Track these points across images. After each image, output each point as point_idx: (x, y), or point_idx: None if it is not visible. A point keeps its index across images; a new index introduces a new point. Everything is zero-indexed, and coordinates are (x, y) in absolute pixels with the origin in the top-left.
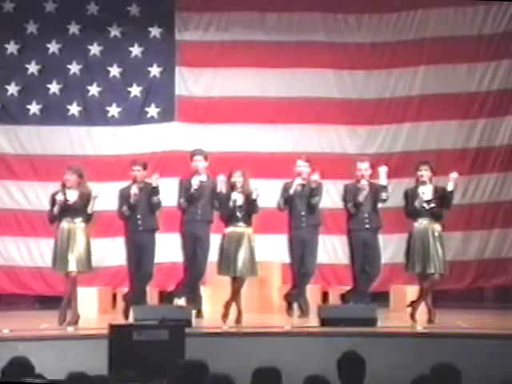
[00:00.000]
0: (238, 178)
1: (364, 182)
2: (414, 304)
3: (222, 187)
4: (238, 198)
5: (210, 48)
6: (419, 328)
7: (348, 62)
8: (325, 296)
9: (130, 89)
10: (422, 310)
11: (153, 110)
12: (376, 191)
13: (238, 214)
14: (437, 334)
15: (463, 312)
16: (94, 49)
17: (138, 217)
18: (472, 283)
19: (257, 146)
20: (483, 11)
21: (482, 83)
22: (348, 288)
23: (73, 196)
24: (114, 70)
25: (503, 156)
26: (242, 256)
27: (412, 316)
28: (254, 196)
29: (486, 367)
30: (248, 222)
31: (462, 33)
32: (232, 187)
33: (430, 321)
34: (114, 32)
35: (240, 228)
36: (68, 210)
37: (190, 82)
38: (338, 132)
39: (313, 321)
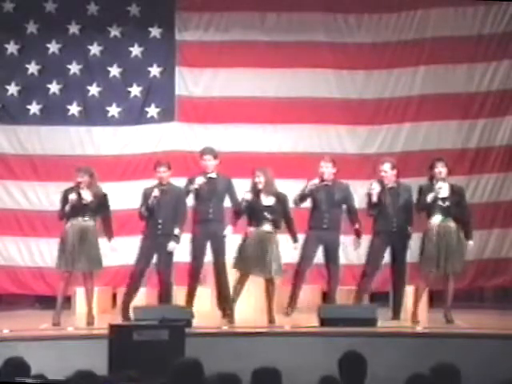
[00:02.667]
0: (258, 179)
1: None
2: (445, 309)
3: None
4: (249, 197)
5: (210, 48)
6: (419, 328)
7: (348, 62)
8: (325, 296)
9: (130, 89)
10: (421, 309)
11: (153, 110)
12: (402, 192)
13: (268, 215)
14: (437, 334)
15: (463, 312)
16: (94, 49)
17: (160, 221)
18: (472, 283)
19: (257, 146)
20: (483, 11)
21: (482, 83)
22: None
23: (87, 196)
24: (114, 70)
25: (503, 156)
26: (270, 256)
27: (447, 319)
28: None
29: (486, 367)
30: (277, 222)
31: (461, 33)
32: (254, 188)
33: (448, 321)
34: (114, 32)
35: (264, 228)
36: (81, 210)
37: (190, 82)
38: (338, 132)
39: (313, 321)
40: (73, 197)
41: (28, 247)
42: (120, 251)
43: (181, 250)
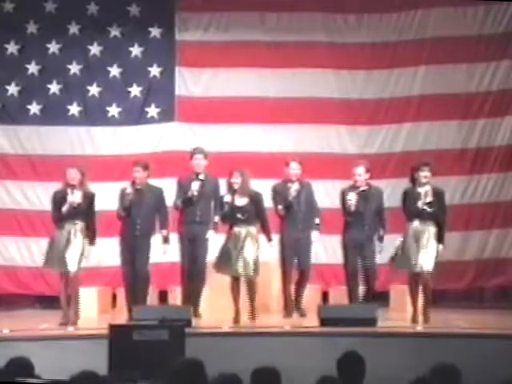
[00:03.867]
0: (235, 179)
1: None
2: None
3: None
4: (228, 199)
5: (210, 48)
6: (419, 328)
7: (348, 62)
8: (325, 296)
9: (130, 89)
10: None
11: (153, 110)
12: (373, 196)
13: (240, 216)
14: (437, 334)
15: (463, 312)
16: (94, 49)
17: (138, 221)
18: (471, 283)
19: (257, 146)
20: (483, 11)
21: (482, 83)
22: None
23: (77, 197)
24: (114, 70)
25: (503, 156)
26: (244, 256)
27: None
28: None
29: (486, 367)
30: (250, 223)
31: (461, 33)
32: (230, 188)
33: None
34: (114, 32)
35: (242, 228)
36: (73, 211)
37: (190, 82)
38: (338, 132)
39: (313, 321)
40: (71, 198)
41: (28, 247)
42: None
43: (176, 251)
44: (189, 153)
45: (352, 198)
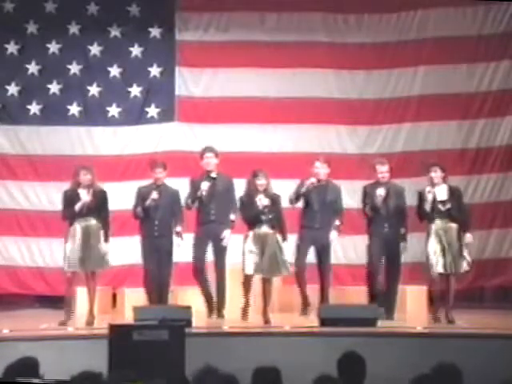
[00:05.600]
0: (261, 182)
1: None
2: (446, 309)
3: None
4: (263, 200)
5: (210, 48)
6: (419, 328)
7: (348, 61)
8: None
9: (130, 89)
10: (421, 309)
11: (153, 110)
12: (397, 193)
13: (263, 217)
14: (437, 334)
15: (463, 312)
16: (94, 49)
17: (156, 223)
18: (472, 283)
19: (257, 146)
20: (483, 11)
21: (482, 83)
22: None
23: (90, 195)
24: (114, 70)
25: (503, 156)
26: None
27: (448, 319)
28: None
29: (486, 367)
30: (272, 224)
31: (461, 33)
32: (255, 189)
33: (449, 321)
34: (114, 32)
35: (264, 230)
36: (86, 209)
37: (190, 82)
38: (338, 132)
39: (313, 321)
40: (85, 198)
41: (28, 247)
42: (120, 251)
43: (182, 250)
44: (189, 153)
45: (382, 192)
